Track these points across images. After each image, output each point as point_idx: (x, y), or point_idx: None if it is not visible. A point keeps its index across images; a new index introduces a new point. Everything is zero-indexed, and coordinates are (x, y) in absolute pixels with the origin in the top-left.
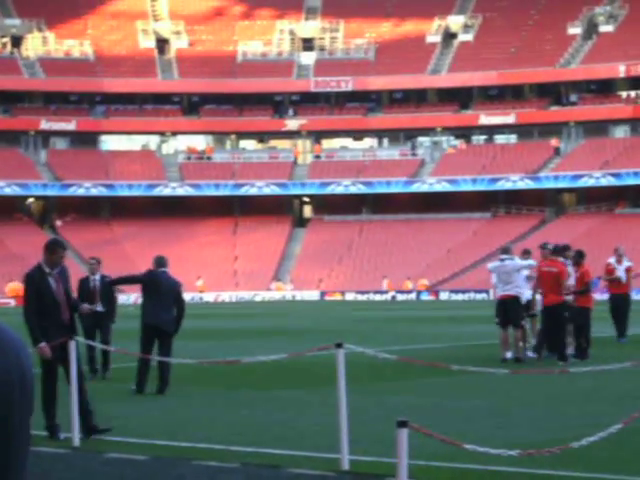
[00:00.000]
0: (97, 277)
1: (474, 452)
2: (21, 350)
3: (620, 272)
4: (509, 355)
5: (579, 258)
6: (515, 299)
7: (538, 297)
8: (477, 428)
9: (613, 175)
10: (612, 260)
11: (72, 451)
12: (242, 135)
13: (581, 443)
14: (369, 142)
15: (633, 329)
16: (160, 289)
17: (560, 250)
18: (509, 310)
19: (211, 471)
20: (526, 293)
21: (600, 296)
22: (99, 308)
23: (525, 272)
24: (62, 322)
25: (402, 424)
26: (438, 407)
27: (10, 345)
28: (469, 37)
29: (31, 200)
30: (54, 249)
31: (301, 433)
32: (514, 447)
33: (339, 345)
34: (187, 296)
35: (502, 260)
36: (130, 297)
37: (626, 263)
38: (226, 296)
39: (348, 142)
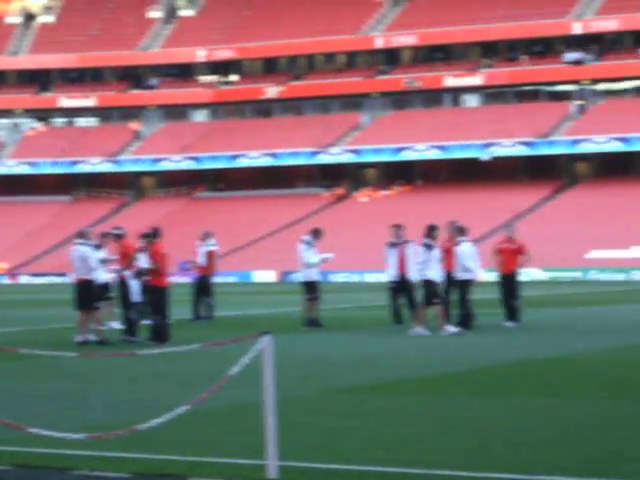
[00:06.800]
0: None
1: (39, 435)
2: None
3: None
4: (80, 338)
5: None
6: (88, 283)
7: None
8: (46, 412)
9: (192, 159)
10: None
11: None
12: None
13: (149, 425)
14: None
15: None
16: None
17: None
18: (83, 294)
19: None
20: (102, 276)
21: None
22: None
23: (99, 256)
24: None
25: None
26: (6, 392)
27: None
28: (51, 19)
29: None
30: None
31: None
32: (83, 430)
33: None
34: None
35: (76, 244)
36: None
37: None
38: None
39: None
